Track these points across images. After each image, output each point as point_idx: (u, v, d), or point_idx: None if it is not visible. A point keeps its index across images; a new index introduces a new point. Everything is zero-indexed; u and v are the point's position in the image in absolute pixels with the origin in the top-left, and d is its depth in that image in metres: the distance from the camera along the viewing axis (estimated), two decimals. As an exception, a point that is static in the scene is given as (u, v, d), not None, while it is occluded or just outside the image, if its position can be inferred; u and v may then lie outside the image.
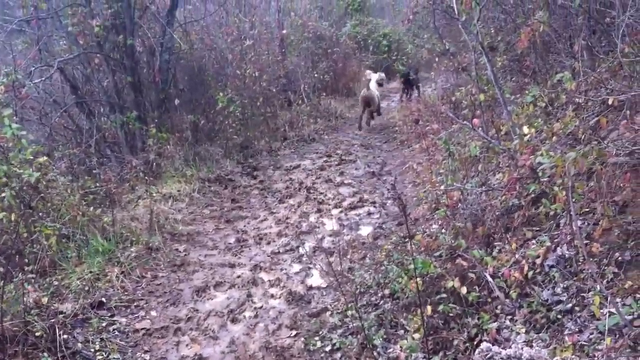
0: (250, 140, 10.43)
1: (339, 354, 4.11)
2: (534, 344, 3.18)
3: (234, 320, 4.85)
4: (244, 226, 7.00)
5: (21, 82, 7.37)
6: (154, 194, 7.34)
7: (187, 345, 4.53)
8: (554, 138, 4.49)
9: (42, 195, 5.87)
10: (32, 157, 5.75)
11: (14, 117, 6.01)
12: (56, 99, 8.99)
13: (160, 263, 5.94)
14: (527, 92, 5.65)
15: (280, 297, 5.16)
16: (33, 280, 5.10)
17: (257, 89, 10.88)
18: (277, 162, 9.82)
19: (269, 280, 5.50)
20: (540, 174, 4.17)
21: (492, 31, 7.83)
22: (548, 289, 3.66)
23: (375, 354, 3.75)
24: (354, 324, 4.30)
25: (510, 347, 2.76)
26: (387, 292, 4.62)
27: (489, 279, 3.91)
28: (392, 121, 12.36)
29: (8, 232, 5.44)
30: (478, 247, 4.31)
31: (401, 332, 4.13)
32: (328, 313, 4.75)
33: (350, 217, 6.93)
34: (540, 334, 3.36)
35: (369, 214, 6.98)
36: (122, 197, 7.26)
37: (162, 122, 9.16)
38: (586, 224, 3.93)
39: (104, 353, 4.38)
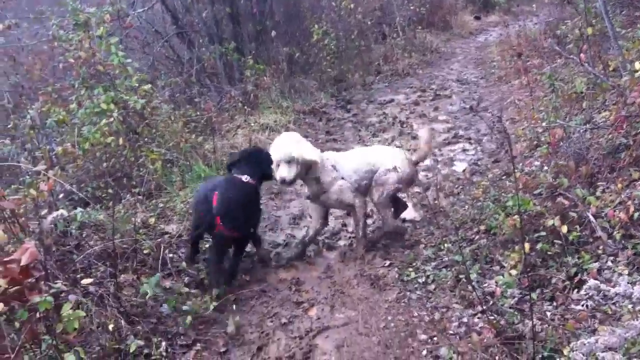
0: (344, 74, 10.44)
1: (433, 286, 4.17)
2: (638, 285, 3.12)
3: (329, 248, 5.01)
4: (338, 158, 7.08)
5: (125, 12, 7.63)
6: (252, 124, 7.54)
7: (285, 269, 4.73)
8: (669, 75, 4.24)
9: (147, 121, 6.15)
10: (137, 85, 5.99)
11: (120, 46, 6.23)
12: (158, 29, 9.28)
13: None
14: (638, 26, 5.32)
15: (374, 228, 5.25)
16: (140, 202, 5.42)
17: (351, 22, 10.82)
18: (370, 96, 9.79)
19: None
20: (653, 112, 3.98)
21: (604, -40, 7.34)
22: (655, 231, 3.55)
23: (470, 287, 3.79)
24: (448, 258, 4.33)
25: (619, 285, 2.72)
26: (482, 228, 4.60)
27: (592, 218, 3.82)
28: (490, 56, 11.95)
29: (116, 156, 5.78)
30: (581, 186, 4.19)
31: (496, 268, 4.13)
32: (422, 246, 4.80)
33: (445, 153, 6.87)
34: (645, 276, 3.29)
35: (464, 150, 6.89)
36: (222, 126, 7.51)
37: (258, 54, 9.30)
38: (701, 166, 3.75)
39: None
